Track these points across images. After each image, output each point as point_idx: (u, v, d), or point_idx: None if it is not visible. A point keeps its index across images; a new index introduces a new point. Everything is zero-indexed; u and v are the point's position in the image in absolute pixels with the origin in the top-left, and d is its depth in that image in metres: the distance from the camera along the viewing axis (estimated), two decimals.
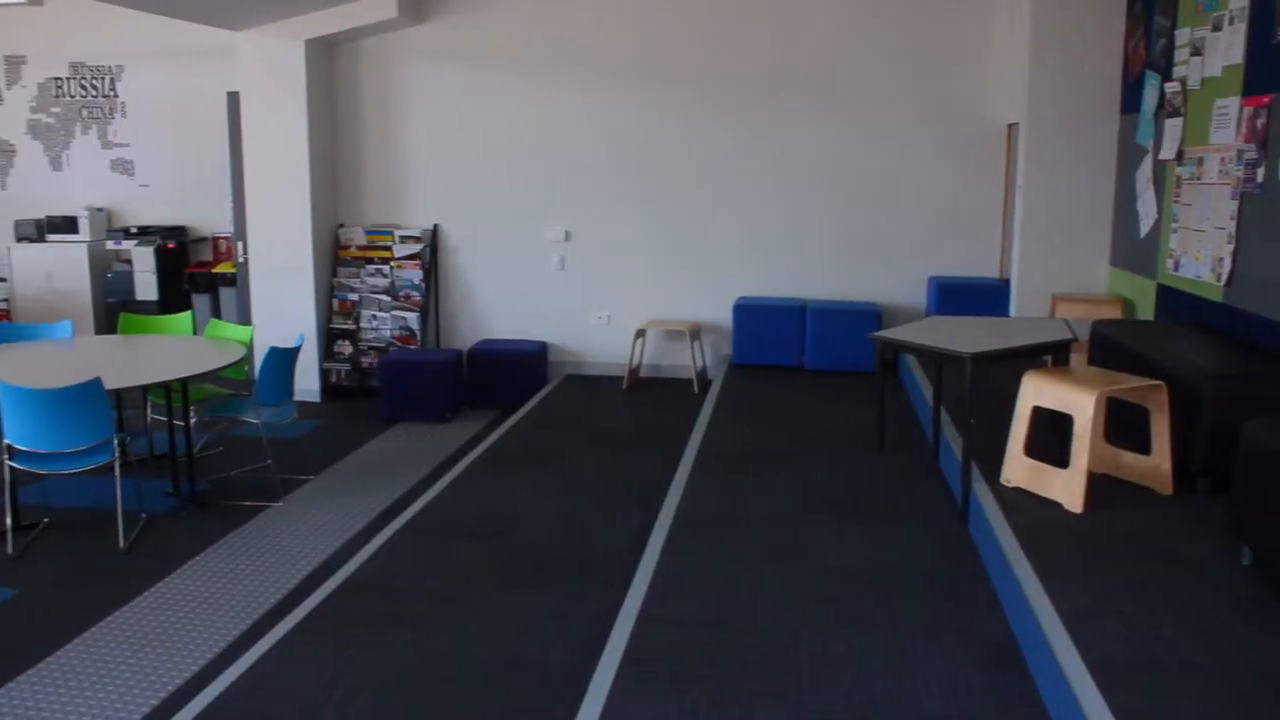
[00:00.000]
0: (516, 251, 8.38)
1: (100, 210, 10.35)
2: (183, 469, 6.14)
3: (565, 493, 5.78)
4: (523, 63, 8.13)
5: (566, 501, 5.64)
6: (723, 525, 4.83)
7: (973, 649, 3.62)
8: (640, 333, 8.13)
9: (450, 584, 4.62)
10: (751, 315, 7.89)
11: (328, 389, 8.32)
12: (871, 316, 7.70)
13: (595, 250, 8.31)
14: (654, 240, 8.23)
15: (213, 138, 9.73)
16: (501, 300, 8.46)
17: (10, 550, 5.31)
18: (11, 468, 5.18)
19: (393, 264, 8.26)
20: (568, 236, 8.30)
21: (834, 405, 6.96)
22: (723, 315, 8.28)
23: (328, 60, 8.31)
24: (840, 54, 7.85)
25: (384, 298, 8.24)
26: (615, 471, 6.15)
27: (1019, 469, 4.64)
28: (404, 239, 8.28)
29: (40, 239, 10.23)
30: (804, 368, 7.90)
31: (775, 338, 7.86)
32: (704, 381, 8.18)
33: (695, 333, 8.27)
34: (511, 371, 8.00)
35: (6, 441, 5.10)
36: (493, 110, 8.22)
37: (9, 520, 5.41)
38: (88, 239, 10.11)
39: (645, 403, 7.71)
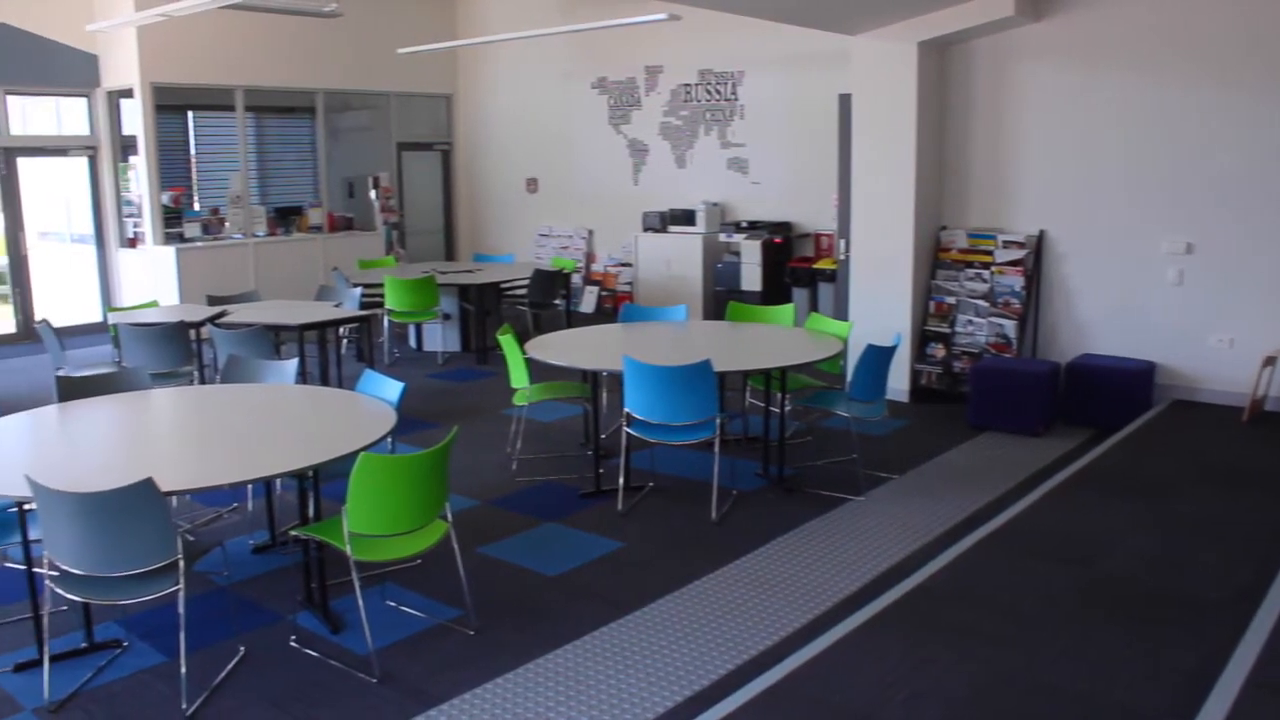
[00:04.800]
0: (1128, 263, 7.77)
1: (715, 205, 11.14)
2: (773, 453, 6.41)
3: (1165, 527, 5.26)
4: (1148, 60, 7.50)
5: (1166, 537, 5.13)
6: None
7: None
8: (1269, 360, 7.21)
9: (1029, 605, 4.38)
10: None
11: (916, 390, 8.28)
12: None
13: (1220, 265, 7.48)
14: None
15: (821, 139, 10.09)
16: (1107, 313, 7.90)
17: (620, 507, 5.85)
18: (628, 434, 5.70)
19: (993, 269, 8.03)
20: (1189, 249, 7.56)
21: None
22: None
23: (938, 62, 8.24)
24: None
25: (982, 303, 8.03)
26: (1227, 511, 5.49)
27: None
28: (1007, 244, 8.01)
29: (663, 230, 11.23)
30: None
31: None
32: None
33: None
34: (1113, 390, 7.44)
35: (626, 410, 5.61)
36: (1110, 111, 7.69)
37: (621, 480, 5.96)
38: (703, 231, 10.93)
39: (1269, 438, 6.83)
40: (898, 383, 8.20)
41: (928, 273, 8.31)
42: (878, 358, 6.04)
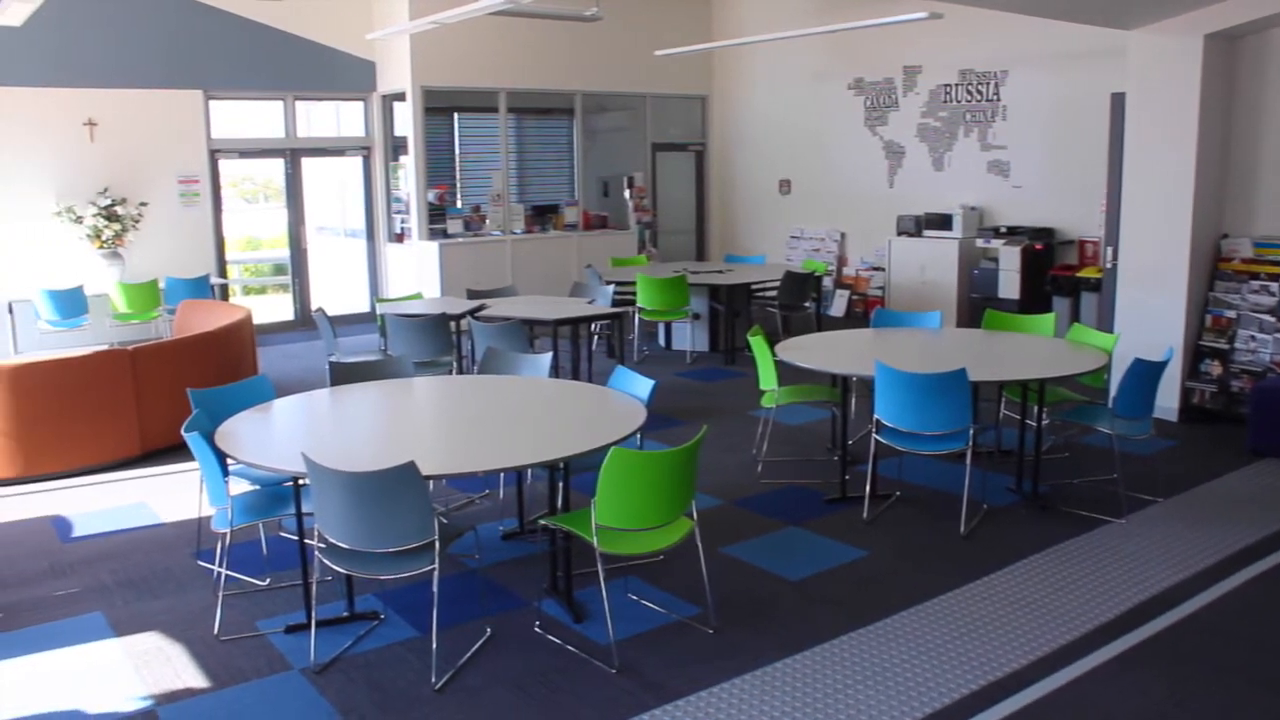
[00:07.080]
0: None
1: (973, 209, 10.79)
2: (1027, 468, 6.13)
3: None
4: None
5: None
6: None
7: None
8: None
9: None
10: None
11: (1187, 409, 7.75)
12: None
13: None
14: None
15: (1090, 140, 9.60)
16: None
17: (865, 515, 5.74)
18: (877, 441, 5.58)
19: None
20: None
21: None
22: None
23: (1226, 55, 7.67)
24: None
25: (1267, 318, 7.43)
26: None
27: None
28: None
29: (917, 234, 10.97)
30: None
31: None
32: None
33: None
34: None
35: (876, 416, 5.49)
36: None
37: (867, 488, 5.84)
38: (959, 236, 10.61)
39: None
40: (1167, 401, 7.69)
41: (1205, 284, 7.76)
42: (1146, 373, 5.69)
